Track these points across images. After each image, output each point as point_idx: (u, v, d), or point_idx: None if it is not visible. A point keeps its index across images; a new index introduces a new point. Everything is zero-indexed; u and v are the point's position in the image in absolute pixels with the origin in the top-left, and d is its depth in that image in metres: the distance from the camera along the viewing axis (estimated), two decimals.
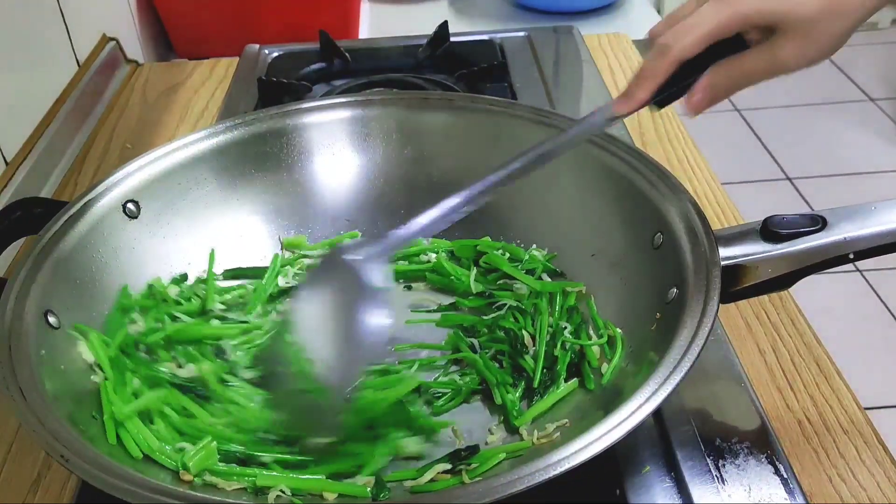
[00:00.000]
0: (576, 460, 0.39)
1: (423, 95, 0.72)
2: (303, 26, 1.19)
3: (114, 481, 0.40)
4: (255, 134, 0.67)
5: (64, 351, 0.50)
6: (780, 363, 0.58)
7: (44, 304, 0.51)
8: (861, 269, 1.93)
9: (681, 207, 0.53)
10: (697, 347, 0.44)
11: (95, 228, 0.57)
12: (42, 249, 0.53)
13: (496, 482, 0.38)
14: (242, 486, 0.47)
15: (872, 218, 0.48)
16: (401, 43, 1.07)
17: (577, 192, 0.63)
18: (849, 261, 0.49)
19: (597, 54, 1.04)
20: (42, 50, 0.90)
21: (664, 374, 0.43)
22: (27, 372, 0.45)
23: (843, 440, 0.52)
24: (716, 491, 0.48)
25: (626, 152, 0.59)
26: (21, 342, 0.47)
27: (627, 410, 0.41)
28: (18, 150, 0.81)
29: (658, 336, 0.49)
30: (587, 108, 0.91)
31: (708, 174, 0.80)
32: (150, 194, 0.61)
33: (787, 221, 0.49)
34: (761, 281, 0.50)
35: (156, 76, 1.06)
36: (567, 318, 0.58)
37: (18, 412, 0.43)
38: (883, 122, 2.51)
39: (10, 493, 0.52)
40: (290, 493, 0.46)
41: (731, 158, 2.34)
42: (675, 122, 0.88)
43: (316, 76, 1.01)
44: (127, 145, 0.90)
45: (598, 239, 0.60)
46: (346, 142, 0.69)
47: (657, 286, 0.52)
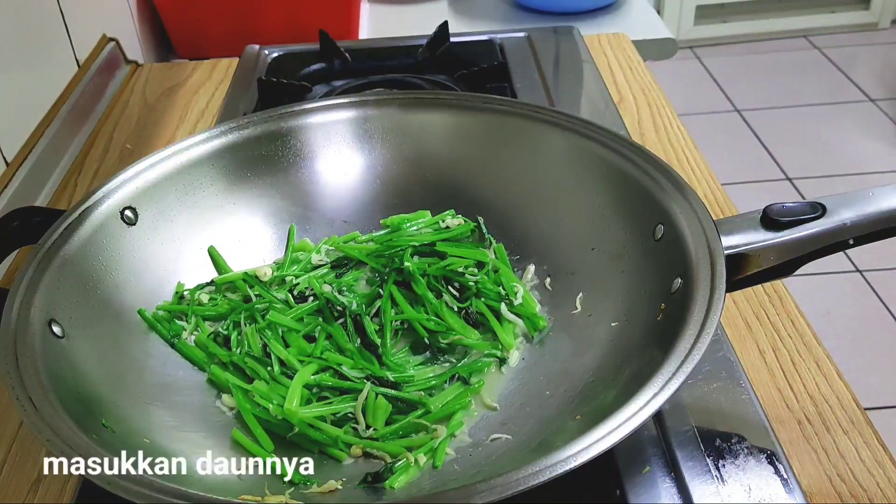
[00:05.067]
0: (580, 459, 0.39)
1: (421, 95, 0.71)
2: (303, 26, 1.20)
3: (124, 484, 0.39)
4: (252, 137, 0.67)
5: (69, 359, 0.50)
6: (780, 363, 0.58)
7: (48, 314, 0.50)
8: (861, 270, 1.93)
9: (681, 198, 0.54)
10: (708, 335, 0.44)
11: (95, 236, 0.57)
12: (43, 258, 0.53)
13: (496, 482, 0.38)
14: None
15: (870, 203, 0.49)
16: (400, 43, 1.07)
17: (574, 186, 0.62)
18: (849, 246, 0.49)
19: (597, 54, 1.04)
20: (42, 50, 0.90)
21: (676, 363, 0.43)
22: (35, 381, 0.45)
23: (843, 440, 0.52)
24: (716, 491, 0.48)
25: (623, 146, 0.59)
26: (27, 352, 0.47)
27: (642, 400, 0.41)
28: (18, 151, 0.81)
29: (665, 326, 0.49)
30: (587, 108, 0.91)
31: (708, 174, 0.80)
32: (147, 200, 0.61)
33: (787, 209, 0.50)
34: (763, 269, 0.50)
35: (156, 76, 1.06)
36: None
37: (31, 423, 0.42)
38: (883, 122, 2.51)
39: (10, 493, 0.52)
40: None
41: (731, 158, 2.34)
42: (675, 122, 0.88)
43: (316, 76, 1.01)
44: (127, 146, 0.90)
45: (597, 232, 0.60)
46: (345, 142, 0.69)
47: (660, 278, 0.52)
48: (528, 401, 0.54)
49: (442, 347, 0.58)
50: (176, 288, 0.61)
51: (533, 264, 0.64)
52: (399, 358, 0.57)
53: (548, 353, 0.57)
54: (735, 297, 0.64)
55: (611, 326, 0.55)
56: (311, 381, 0.53)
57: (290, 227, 0.67)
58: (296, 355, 0.55)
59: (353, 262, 0.64)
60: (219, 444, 0.51)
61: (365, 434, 0.51)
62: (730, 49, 2.98)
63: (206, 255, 0.64)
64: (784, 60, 2.89)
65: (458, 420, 0.52)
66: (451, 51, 1.02)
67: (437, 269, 0.60)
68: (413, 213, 0.66)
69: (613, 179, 0.59)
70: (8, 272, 0.70)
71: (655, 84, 0.97)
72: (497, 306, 0.59)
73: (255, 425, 0.52)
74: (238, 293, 0.62)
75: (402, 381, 0.54)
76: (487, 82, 0.95)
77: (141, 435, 0.48)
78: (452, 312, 0.59)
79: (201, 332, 0.59)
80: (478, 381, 0.55)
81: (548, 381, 0.55)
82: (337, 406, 0.52)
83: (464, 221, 0.65)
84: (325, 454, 0.51)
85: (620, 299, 0.56)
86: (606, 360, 0.53)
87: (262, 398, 0.52)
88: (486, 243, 0.64)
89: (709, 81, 2.79)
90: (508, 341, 0.58)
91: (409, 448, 0.50)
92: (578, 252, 0.61)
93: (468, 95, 0.73)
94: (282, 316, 0.57)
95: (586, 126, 0.62)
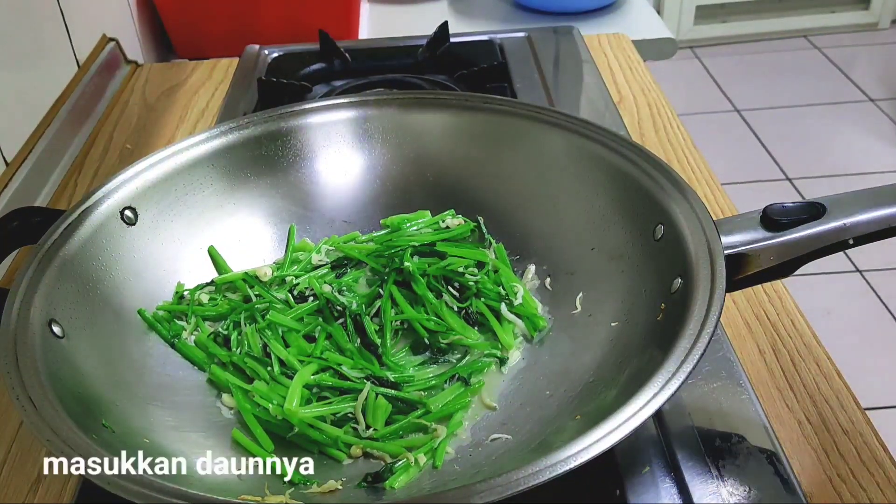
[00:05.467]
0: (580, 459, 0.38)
1: (421, 95, 0.71)
2: (303, 26, 1.20)
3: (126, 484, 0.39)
4: (252, 137, 0.67)
5: (69, 359, 0.50)
6: (780, 363, 0.58)
7: (48, 314, 0.50)
8: (861, 270, 1.93)
9: (681, 198, 0.54)
10: (708, 335, 0.44)
11: (94, 237, 0.57)
12: (43, 258, 0.53)
13: (496, 482, 0.38)
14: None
15: (870, 203, 0.49)
16: (400, 43, 1.07)
17: (574, 186, 0.62)
18: (849, 246, 0.49)
19: (597, 54, 1.04)
20: (42, 50, 0.90)
21: (676, 363, 0.43)
22: (35, 381, 0.45)
23: (843, 440, 0.52)
24: (716, 491, 0.48)
25: (623, 146, 0.59)
26: (27, 352, 0.47)
27: (642, 400, 0.41)
28: (18, 151, 0.81)
29: (665, 326, 0.49)
30: (587, 108, 0.91)
31: (708, 174, 0.80)
32: (147, 200, 0.61)
33: (787, 209, 0.50)
34: (763, 269, 0.50)
35: (156, 76, 1.06)
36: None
37: (31, 423, 0.42)
38: (883, 122, 2.51)
39: (10, 493, 0.52)
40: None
41: (731, 158, 2.34)
42: (675, 123, 0.88)
43: (316, 76, 1.01)
44: (127, 146, 0.90)
45: (597, 232, 0.60)
46: (345, 142, 0.69)
47: (660, 277, 0.52)
48: (528, 401, 0.54)
49: (442, 347, 0.58)
50: (176, 288, 0.61)
51: (533, 264, 0.64)
52: (399, 358, 0.57)
53: (548, 353, 0.57)
54: (735, 297, 0.64)
55: (611, 326, 0.55)
56: (311, 381, 0.53)
57: (290, 227, 0.67)
58: (296, 355, 0.55)
59: (353, 262, 0.64)
60: (219, 444, 0.51)
61: (365, 434, 0.51)
62: (730, 49, 2.98)
63: (206, 255, 0.64)
64: (784, 60, 2.89)
65: (458, 420, 0.52)
66: (451, 51, 1.03)
67: (437, 269, 0.60)
68: (413, 213, 0.66)
69: (613, 179, 0.59)
70: (8, 272, 0.70)
71: (655, 84, 0.97)
72: (497, 306, 0.59)
73: (255, 425, 0.52)
74: (238, 293, 0.62)
75: (402, 381, 0.54)
76: (487, 82, 0.95)
77: (141, 435, 0.48)
78: (452, 312, 0.59)
79: (201, 332, 0.59)
80: (478, 381, 0.55)
81: (548, 381, 0.55)
82: (337, 406, 0.52)
83: (464, 221, 0.65)
84: (324, 454, 0.51)
85: (620, 299, 0.56)
86: (606, 360, 0.53)
87: (262, 398, 0.52)
88: (486, 243, 0.64)
89: (709, 81, 2.79)
90: (508, 341, 0.58)
91: (409, 448, 0.50)
92: (578, 252, 0.61)
93: (468, 95, 0.73)
94: (282, 316, 0.57)
95: (586, 126, 0.62)
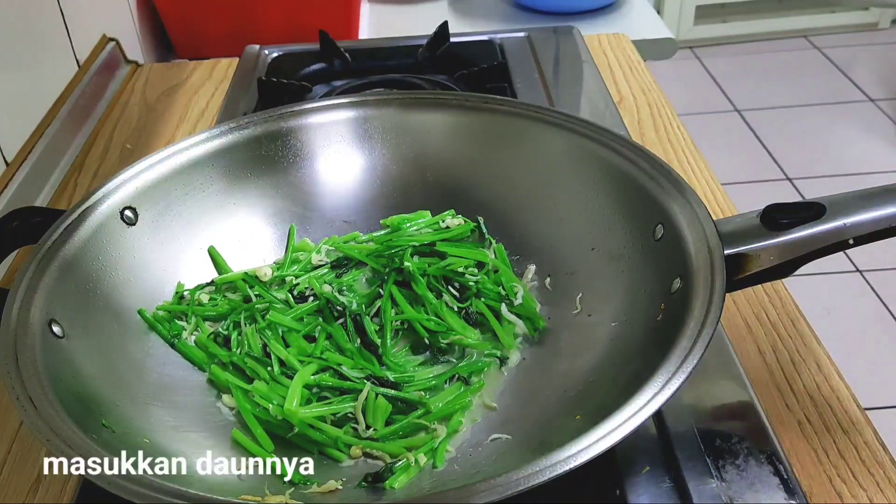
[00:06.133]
0: (580, 459, 0.38)
1: (421, 95, 0.71)
2: (303, 26, 1.20)
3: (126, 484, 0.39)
4: (252, 137, 0.67)
5: (69, 359, 0.50)
6: (780, 363, 0.58)
7: (48, 314, 0.50)
8: (861, 270, 1.93)
9: (681, 198, 0.54)
10: (708, 335, 0.44)
11: (95, 237, 0.57)
12: (43, 258, 0.53)
13: (496, 482, 0.38)
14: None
15: (870, 203, 0.49)
16: (401, 43, 1.07)
17: (574, 186, 0.62)
18: (849, 246, 0.49)
19: (597, 54, 1.04)
20: (42, 50, 0.90)
21: (676, 363, 0.43)
22: (35, 381, 0.45)
23: (843, 440, 0.52)
24: (716, 491, 0.48)
25: (623, 146, 0.59)
26: (27, 352, 0.47)
27: (642, 400, 0.41)
28: (18, 151, 0.81)
29: (665, 326, 0.49)
30: (587, 108, 0.91)
31: (708, 174, 0.80)
32: (147, 200, 0.61)
33: (787, 209, 0.50)
34: (763, 269, 0.50)
35: (156, 77, 1.06)
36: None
37: (31, 423, 0.42)
38: (883, 122, 2.51)
39: (10, 493, 0.52)
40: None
41: (731, 158, 2.34)
42: (675, 122, 0.88)
43: (316, 76, 1.01)
44: (127, 146, 0.90)
45: (597, 232, 0.60)
46: (345, 142, 0.69)
47: (660, 277, 0.52)
48: (528, 401, 0.54)
49: (442, 347, 0.57)
50: (176, 288, 0.61)
51: (533, 264, 0.64)
52: (399, 358, 0.57)
53: (548, 354, 0.57)
54: (735, 297, 0.64)
55: (611, 326, 0.55)
56: (311, 382, 0.53)
57: (291, 227, 0.67)
58: (296, 355, 0.55)
59: (353, 262, 0.64)
60: (219, 444, 0.51)
61: (365, 434, 0.51)
62: (730, 49, 2.98)
63: (206, 255, 0.64)
64: (784, 60, 2.89)
65: (458, 420, 0.52)
66: (451, 51, 1.02)
67: (437, 269, 0.60)
68: (413, 213, 0.66)
69: (613, 179, 0.59)
70: (8, 272, 0.70)
71: (655, 84, 0.97)
72: (497, 306, 0.59)
73: (255, 425, 0.52)
74: (238, 293, 0.62)
75: (402, 381, 0.54)
76: (487, 82, 0.95)
77: (141, 435, 0.48)
78: (452, 312, 0.59)
79: (201, 333, 0.59)
80: (478, 381, 0.55)
81: (548, 381, 0.55)
82: (337, 406, 0.52)
83: (464, 221, 0.65)
84: (324, 454, 0.51)
85: (620, 299, 0.56)
86: (606, 360, 0.53)
87: (262, 398, 0.52)
88: (486, 243, 0.64)
89: (709, 81, 2.79)
90: (508, 341, 0.58)
91: (409, 448, 0.50)
92: (578, 252, 0.61)
93: (468, 95, 0.72)
94: (282, 316, 0.57)
95: (586, 126, 0.62)
